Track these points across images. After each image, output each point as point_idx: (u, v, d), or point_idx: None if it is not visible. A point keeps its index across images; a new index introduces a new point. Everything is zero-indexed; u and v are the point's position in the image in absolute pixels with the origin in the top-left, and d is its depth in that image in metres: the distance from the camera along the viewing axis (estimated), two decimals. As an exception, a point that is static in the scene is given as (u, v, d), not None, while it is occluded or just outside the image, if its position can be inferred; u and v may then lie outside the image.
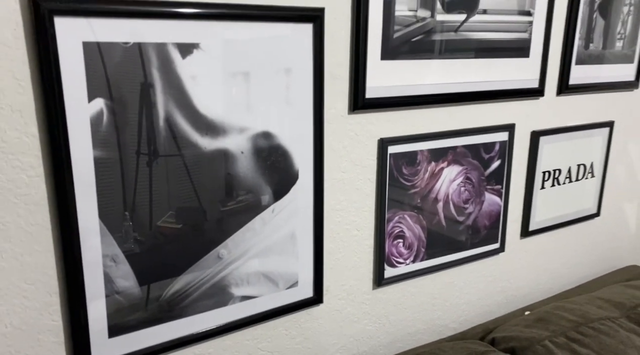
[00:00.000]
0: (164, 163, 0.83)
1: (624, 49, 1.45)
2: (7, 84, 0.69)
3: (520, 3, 1.20)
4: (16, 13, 0.68)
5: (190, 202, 0.87)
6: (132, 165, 0.80)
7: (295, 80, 0.94)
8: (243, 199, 0.93)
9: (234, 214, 0.92)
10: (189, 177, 0.86)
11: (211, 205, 0.89)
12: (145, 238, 0.84)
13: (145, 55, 0.78)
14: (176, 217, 0.86)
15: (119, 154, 0.79)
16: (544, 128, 1.36)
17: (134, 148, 0.80)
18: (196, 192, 0.87)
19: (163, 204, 0.84)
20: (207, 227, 0.89)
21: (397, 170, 1.12)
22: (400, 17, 1.03)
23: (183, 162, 0.85)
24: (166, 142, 0.82)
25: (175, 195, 0.85)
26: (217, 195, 0.89)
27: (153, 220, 0.84)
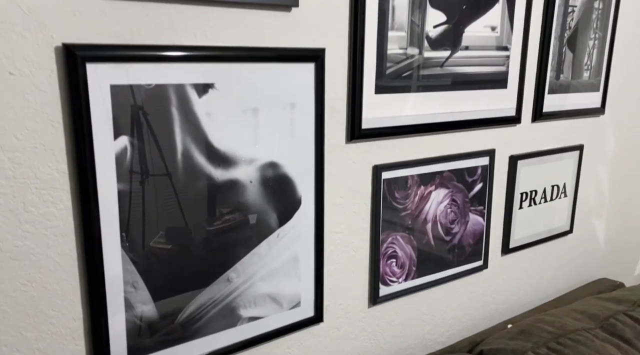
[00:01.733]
0: (184, 188, 0.89)
1: (590, 78, 1.58)
2: (42, 126, 0.75)
3: (498, 39, 1.31)
4: (52, 61, 0.74)
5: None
6: (156, 194, 0.86)
7: (299, 114, 1.01)
8: (251, 224, 0.99)
9: (244, 240, 0.98)
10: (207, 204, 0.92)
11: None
12: (170, 264, 0.89)
13: (165, 96, 0.84)
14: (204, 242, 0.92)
15: (137, 186, 0.85)
16: (521, 152, 1.46)
17: (154, 179, 0.86)
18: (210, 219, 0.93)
19: (182, 228, 0.90)
20: (219, 252, 0.95)
21: (390, 195, 1.20)
22: (392, 55, 1.12)
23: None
24: (183, 173, 0.89)
25: (199, 223, 0.91)
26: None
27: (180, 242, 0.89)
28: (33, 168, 0.75)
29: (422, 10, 1.14)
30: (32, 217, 0.76)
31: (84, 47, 0.75)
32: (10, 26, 0.70)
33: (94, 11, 0.76)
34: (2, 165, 0.73)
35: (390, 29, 1.10)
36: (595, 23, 1.54)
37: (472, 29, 1.24)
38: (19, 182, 0.74)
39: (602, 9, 1.55)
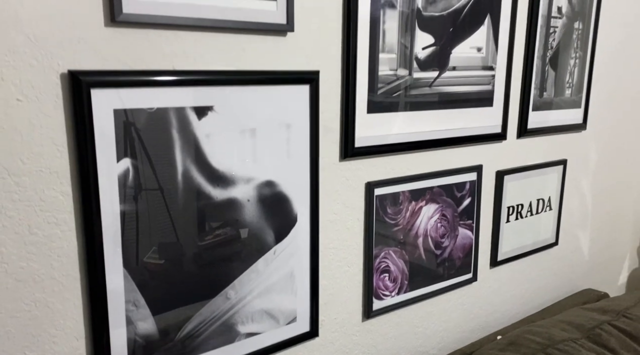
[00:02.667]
0: (181, 206, 0.91)
1: (572, 95, 1.64)
2: (47, 150, 0.77)
3: (484, 60, 1.36)
4: (57, 87, 0.76)
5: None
6: (154, 217, 0.88)
7: (294, 134, 1.05)
8: (249, 242, 1.02)
9: (239, 256, 1.01)
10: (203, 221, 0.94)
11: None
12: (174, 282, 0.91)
13: (166, 119, 0.87)
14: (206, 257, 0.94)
15: (142, 206, 0.87)
16: (507, 168, 1.51)
17: (155, 200, 0.88)
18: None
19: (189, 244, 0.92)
20: (218, 270, 0.98)
21: (382, 210, 1.23)
22: (383, 76, 1.16)
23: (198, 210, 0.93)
24: (183, 192, 0.91)
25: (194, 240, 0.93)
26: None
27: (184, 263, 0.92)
28: (38, 191, 0.77)
29: (411, 33, 1.19)
30: (36, 238, 0.78)
31: (88, 74, 0.78)
32: (19, 55, 0.73)
33: (98, 38, 0.79)
34: (9, 188, 0.75)
35: (381, 51, 1.14)
36: (575, 43, 1.61)
37: (458, 50, 1.29)
38: (24, 205, 0.76)
39: (582, 29, 1.61)
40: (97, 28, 0.78)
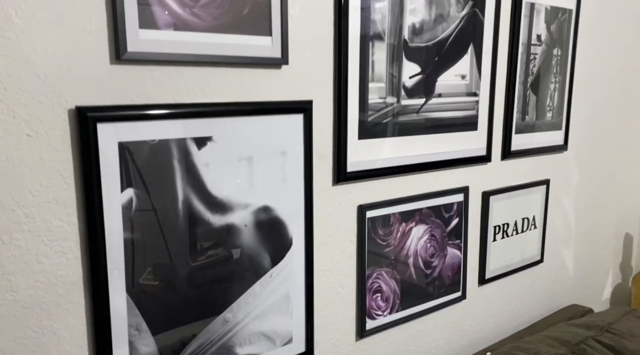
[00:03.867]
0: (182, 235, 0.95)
1: (553, 118, 1.72)
2: (55, 182, 0.80)
3: (468, 86, 1.42)
4: (65, 122, 0.80)
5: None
6: (154, 243, 0.92)
7: (289, 161, 1.09)
8: (241, 262, 1.05)
9: (238, 278, 1.04)
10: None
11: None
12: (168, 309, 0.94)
13: (168, 150, 0.91)
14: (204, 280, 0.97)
15: (148, 236, 0.90)
16: (492, 188, 1.57)
17: (157, 228, 0.92)
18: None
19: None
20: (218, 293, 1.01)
21: (374, 232, 1.28)
22: (373, 104, 1.21)
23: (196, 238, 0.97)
24: (184, 219, 0.95)
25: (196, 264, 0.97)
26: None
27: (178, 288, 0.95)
28: (46, 221, 0.80)
29: (399, 63, 1.25)
30: (44, 267, 0.81)
31: (94, 109, 0.82)
32: (30, 93, 0.77)
33: (104, 76, 0.83)
34: (18, 220, 0.78)
35: (371, 80, 1.20)
36: (555, 68, 1.68)
37: (444, 78, 1.35)
38: (33, 235, 0.79)
39: (560, 55, 1.69)
40: (103, 66, 0.83)
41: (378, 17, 1.18)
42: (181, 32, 0.89)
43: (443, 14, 1.30)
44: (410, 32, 1.25)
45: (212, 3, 0.92)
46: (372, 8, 1.16)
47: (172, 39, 0.89)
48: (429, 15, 1.28)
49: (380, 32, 1.19)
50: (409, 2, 1.23)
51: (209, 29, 0.93)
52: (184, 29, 0.90)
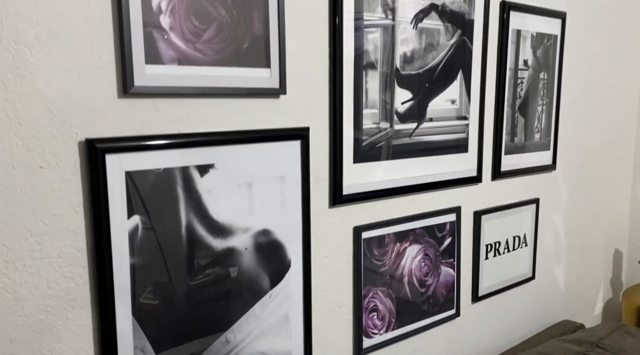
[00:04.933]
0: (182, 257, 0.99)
1: (541, 139, 1.78)
2: (65, 211, 0.84)
3: (458, 111, 1.48)
4: (75, 154, 0.85)
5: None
6: (166, 270, 0.96)
7: (287, 185, 1.14)
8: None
9: (240, 300, 1.08)
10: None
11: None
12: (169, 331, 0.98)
13: (172, 178, 0.96)
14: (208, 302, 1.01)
15: (154, 260, 0.94)
16: (484, 208, 1.62)
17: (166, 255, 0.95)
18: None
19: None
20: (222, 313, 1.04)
21: (369, 252, 1.32)
22: (367, 129, 1.27)
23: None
24: (186, 244, 0.99)
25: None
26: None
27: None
28: (56, 248, 0.84)
29: (391, 90, 1.30)
30: (54, 292, 0.84)
31: (103, 141, 0.87)
32: (43, 127, 0.81)
33: (112, 109, 0.88)
34: (31, 247, 0.82)
35: (365, 107, 1.25)
36: (542, 91, 1.75)
37: (434, 103, 1.41)
38: (44, 262, 0.83)
39: (547, 79, 1.76)
40: (111, 100, 0.87)
41: (371, 48, 1.23)
42: (185, 67, 0.94)
43: (433, 43, 1.37)
44: (402, 61, 1.31)
45: (214, 38, 0.98)
46: (365, 39, 1.22)
47: (176, 73, 0.94)
48: (420, 45, 1.34)
49: (373, 61, 1.25)
50: (400, 32, 1.29)
51: (211, 62, 0.98)
52: (188, 64, 0.95)
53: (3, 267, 0.80)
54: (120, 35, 0.86)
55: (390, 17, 1.26)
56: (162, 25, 0.91)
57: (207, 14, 0.96)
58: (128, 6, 0.86)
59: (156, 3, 0.90)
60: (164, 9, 0.91)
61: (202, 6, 0.95)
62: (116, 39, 0.86)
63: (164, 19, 0.91)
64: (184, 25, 0.94)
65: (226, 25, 0.99)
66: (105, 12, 0.85)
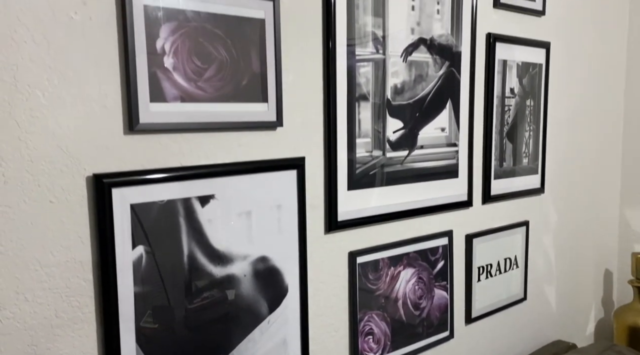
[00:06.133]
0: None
1: (529, 163, 1.84)
2: (73, 243, 0.89)
3: (447, 138, 1.54)
4: (83, 188, 0.89)
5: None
6: (168, 297, 0.99)
7: (284, 213, 1.18)
8: (247, 313, 1.12)
9: (239, 326, 1.11)
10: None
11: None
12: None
13: (175, 209, 1.00)
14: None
15: (156, 288, 0.98)
16: (475, 231, 1.66)
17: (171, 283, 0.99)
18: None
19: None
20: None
21: (364, 277, 1.36)
22: (360, 157, 1.32)
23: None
24: (188, 273, 1.03)
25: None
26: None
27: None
28: (64, 279, 0.88)
29: (383, 120, 1.36)
30: (61, 322, 0.88)
31: (109, 175, 0.91)
32: (53, 164, 0.86)
33: (118, 145, 0.93)
34: (40, 278, 0.86)
35: (358, 136, 1.31)
36: (529, 117, 1.81)
37: (425, 131, 1.46)
38: (52, 293, 0.87)
39: (533, 106, 1.82)
40: (117, 136, 0.92)
41: (363, 81, 1.30)
42: (187, 104, 1.00)
43: (422, 75, 1.43)
44: (393, 92, 1.37)
45: (215, 77, 1.03)
46: (357, 73, 1.28)
47: (179, 110, 0.99)
48: (409, 77, 1.40)
49: (365, 93, 1.31)
50: (391, 65, 1.35)
51: (212, 99, 1.03)
52: (190, 101, 1.00)
53: (14, 298, 0.83)
54: (126, 76, 0.92)
55: (381, 52, 1.33)
56: (166, 66, 0.97)
57: (208, 54, 1.02)
58: (134, 49, 0.92)
59: (160, 45, 0.96)
60: (168, 51, 0.97)
61: (203, 47, 1.01)
62: (122, 79, 0.92)
63: (168, 60, 0.97)
64: (187, 65, 0.99)
65: (226, 64, 1.04)
66: (113, 55, 0.91)
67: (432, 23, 1.44)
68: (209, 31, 1.02)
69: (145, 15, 0.93)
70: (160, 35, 0.96)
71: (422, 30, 1.42)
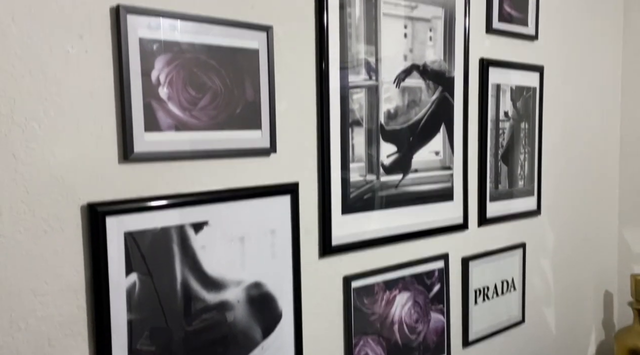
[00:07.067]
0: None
1: (525, 185, 1.85)
2: (67, 271, 0.90)
3: (442, 161, 1.55)
4: (77, 217, 0.91)
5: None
6: (167, 325, 1.00)
7: (278, 238, 1.19)
8: (241, 339, 1.13)
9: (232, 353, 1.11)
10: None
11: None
12: (163, 383, 1.01)
13: (168, 236, 1.01)
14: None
15: (144, 316, 0.98)
16: (471, 254, 1.67)
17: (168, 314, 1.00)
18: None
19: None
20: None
21: (359, 301, 1.36)
22: (354, 182, 1.33)
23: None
24: (182, 301, 1.03)
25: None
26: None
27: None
28: (58, 307, 0.89)
29: (377, 145, 1.38)
30: (54, 350, 0.89)
31: (104, 204, 0.93)
32: (48, 194, 0.87)
33: (113, 174, 0.94)
34: (34, 307, 0.86)
35: (351, 161, 1.32)
36: (524, 140, 1.83)
37: (419, 155, 1.48)
38: (46, 321, 0.88)
39: (528, 128, 1.84)
40: (112, 165, 0.94)
41: (356, 107, 1.32)
42: (182, 132, 1.02)
43: (415, 100, 1.45)
44: (386, 117, 1.39)
45: (209, 105, 1.06)
46: (350, 99, 1.30)
47: (173, 138, 1.01)
48: (403, 102, 1.42)
49: (358, 118, 1.33)
50: (384, 91, 1.38)
51: (206, 127, 1.05)
52: (184, 129, 1.02)
53: (7, 327, 0.84)
54: (121, 106, 0.94)
55: (374, 78, 1.35)
56: (161, 96, 0.99)
57: (202, 84, 1.04)
58: (129, 81, 0.94)
59: (155, 76, 0.98)
60: (163, 82, 0.99)
61: (198, 77, 1.03)
62: (118, 110, 0.94)
63: (163, 90, 0.99)
64: (181, 95, 1.02)
65: (220, 93, 1.07)
66: (108, 86, 0.93)
67: (425, 49, 1.47)
68: (203, 62, 1.04)
69: (140, 48, 0.96)
70: (155, 67, 0.98)
71: (414, 57, 1.44)
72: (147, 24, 0.96)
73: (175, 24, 1.00)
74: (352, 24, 1.29)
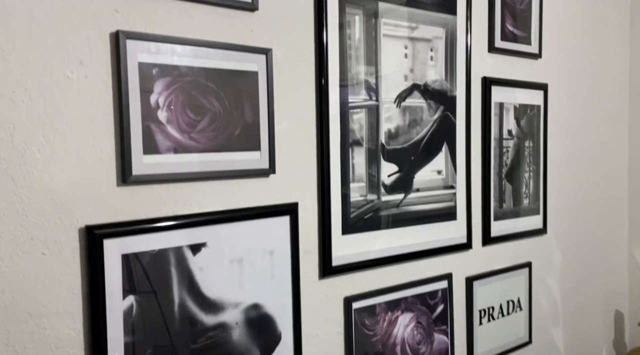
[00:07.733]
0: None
1: (530, 204, 1.83)
2: (64, 294, 0.90)
3: (444, 180, 1.54)
4: (75, 240, 0.92)
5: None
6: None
7: (277, 259, 1.19)
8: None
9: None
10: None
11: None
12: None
13: (166, 258, 1.02)
14: (184, 385, 1.04)
15: (139, 339, 0.98)
16: (475, 273, 1.65)
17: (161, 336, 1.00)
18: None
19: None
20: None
21: (360, 323, 1.35)
22: (354, 202, 1.33)
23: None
24: (179, 324, 1.03)
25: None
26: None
27: (166, 390, 1.01)
28: (55, 330, 0.89)
29: (377, 164, 1.38)
30: (50, 373, 0.89)
31: (101, 227, 0.94)
32: (47, 217, 0.88)
33: (111, 197, 0.95)
34: (30, 330, 0.87)
35: (352, 181, 1.32)
36: (528, 158, 1.81)
37: (421, 174, 1.47)
38: (43, 344, 0.88)
39: (532, 146, 1.83)
40: (111, 188, 0.95)
41: (357, 127, 1.32)
42: (180, 155, 1.03)
43: (416, 119, 1.45)
44: (387, 137, 1.39)
45: (208, 128, 1.06)
46: (350, 119, 1.31)
47: (172, 161, 1.02)
48: (404, 122, 1.42)
49: (359, 138, 1.33)
50: (384, 111, 1.38)
51: (205, 149, 1.06)
52: (183, 152, 1.03)
53: (3, 350, 0.85)
54: (120, 130, 0.95)
55: (374, 98, 1.36)
56: (160, 119, 1.00)
57: (201, 106, 1.05)
58: (128, 105, 0.96)
59: (154, 100, 0.99)
60: (162, 105, 1.00)
61: (196, 100, 1.04)
62: (117, 133, 0.95)
63: (162, 113, 1.00)
64: (180, 118, 1.03)
65: (219, 116, 1.08)
66: (107, 110, 0.94)
67: (426, 69, 1.47)
68: (202, 85, 1.05)
69: (139, 72, 0.97)
70: (154, 90, 1.00)
71: (415, 77, 1.45)
72: (146, 49, 0.98)
73: (174, 48, 1.01)
74: (352, 45, 1.30)
